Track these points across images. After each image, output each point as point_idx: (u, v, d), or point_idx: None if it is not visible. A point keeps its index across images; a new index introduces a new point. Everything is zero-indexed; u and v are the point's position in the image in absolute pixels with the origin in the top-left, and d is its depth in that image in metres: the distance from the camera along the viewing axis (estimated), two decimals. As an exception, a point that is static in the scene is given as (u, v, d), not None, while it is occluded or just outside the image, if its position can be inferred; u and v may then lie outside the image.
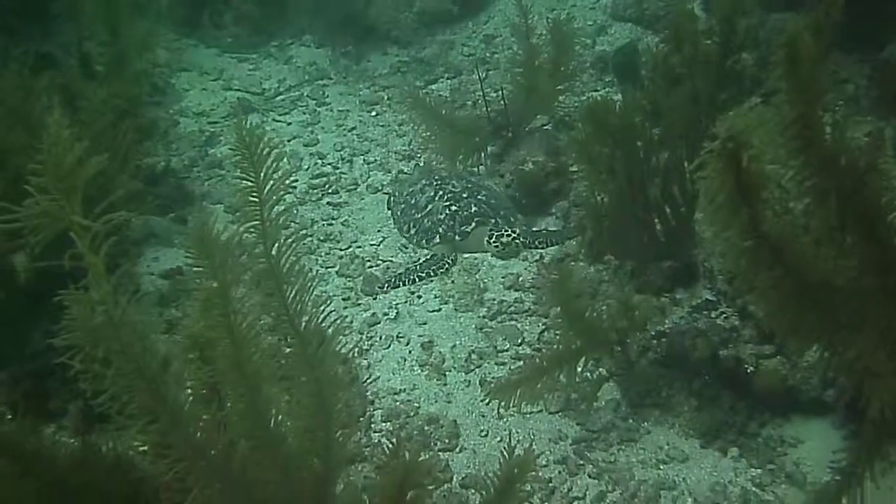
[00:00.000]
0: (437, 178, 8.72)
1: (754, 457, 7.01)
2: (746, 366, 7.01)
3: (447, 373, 8.11)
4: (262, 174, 4.70)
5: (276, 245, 4.89)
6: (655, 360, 7.40)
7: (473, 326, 8.55)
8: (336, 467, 5.57)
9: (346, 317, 8.76)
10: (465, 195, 8.10)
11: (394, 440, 5.04)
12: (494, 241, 7.80)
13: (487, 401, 6.93)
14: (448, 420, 7.57)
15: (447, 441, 7.39)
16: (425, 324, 8.66)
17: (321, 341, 5.45)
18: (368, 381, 8.03)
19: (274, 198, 4.73)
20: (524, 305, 8.67)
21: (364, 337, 8.58)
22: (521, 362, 7.92)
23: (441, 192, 8.29)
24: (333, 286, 9.20)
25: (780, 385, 6.99)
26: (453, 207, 7.76)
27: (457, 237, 7.51)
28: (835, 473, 5.42)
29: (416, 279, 7.95)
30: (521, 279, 8.95)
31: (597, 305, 7.30)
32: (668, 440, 7.24)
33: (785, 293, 5.05)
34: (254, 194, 4.74)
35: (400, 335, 8.56)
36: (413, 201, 8.36)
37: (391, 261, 9.38)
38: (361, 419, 7.56)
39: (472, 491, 6.86)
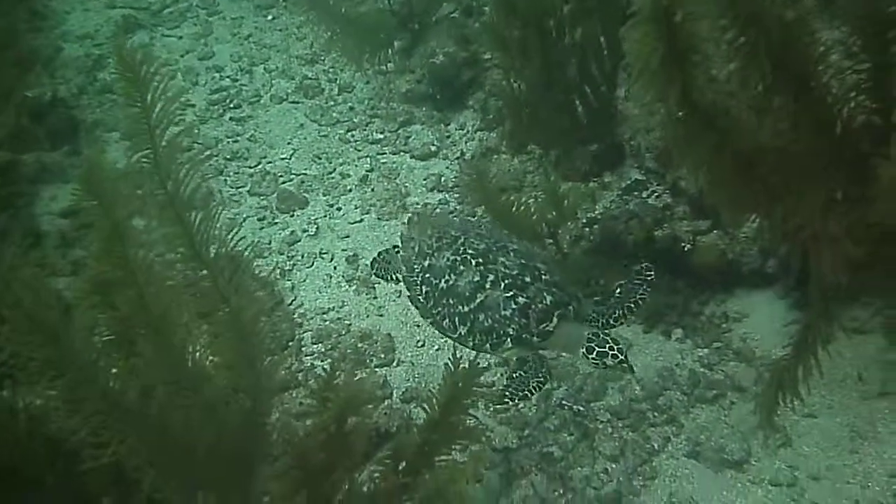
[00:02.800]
0: (456, 241, 5.65)
1: (700, 336, 6.84)
2: (683, 244, 6.79)
3: (376, 285, 7.76)
4: (149, 97, 4.19)
5: (174, 171, 4.41)
6: (589, 248, 7.14)
7: (399, 234, 8.15)
8: (266, 399, 5.22)
9: (264, 238, 8.32)
10: (521, 274, 5.40)
11: (327, 368, 4.66)
12: (595, 358, 5.31)
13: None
14: (382, 334, 7.26)
15: (383, 356, 7.09)
16: (348, 237, 8.26)
17: (234, 269, 5.07)
18: (294, 303, 7.64)
19: (165, 121, 4.22)
20: (449, 207, 8.31)
21: (285, 257, 8.17)
22: (452, 264, 7.59)
23: (490, 275, 5.44)
24: (247, 207, 8.72)
25: (719, 260, 6.79)
26: (520, 299, 5.31)
27: (535, 338, 5.38)
28: (787, 346, 5.23)
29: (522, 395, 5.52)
30: (443, 179, 8.58)
31: (523, 198, 6.95)
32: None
33: (719, 164, 4.78)
34: (143, 120, 4.25)
35: (323, 251, 8.16)
36: (445, 284, 5.56)
37: (305, 174, 8.93)
38: (290, 344, 7.20)
39: (414, 405, 6.58)
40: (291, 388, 6.68)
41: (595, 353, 5.25)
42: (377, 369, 7.03)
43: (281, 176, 9.01)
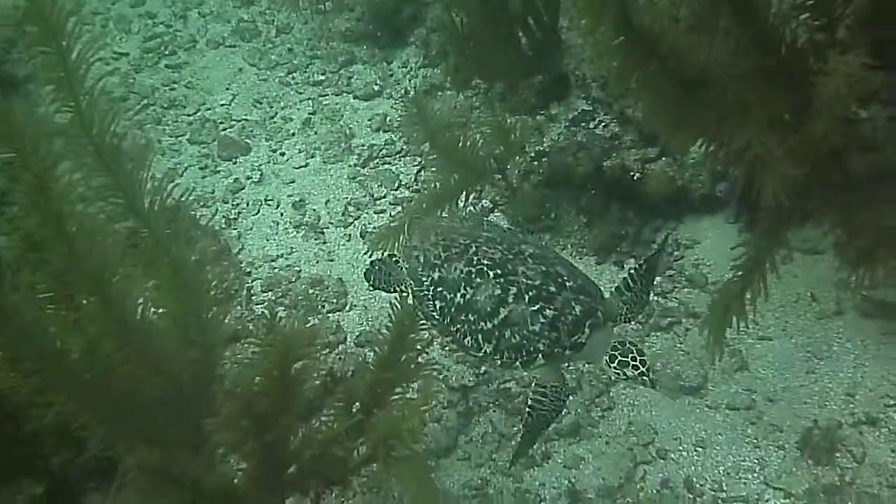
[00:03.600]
0: (467, 250, 5.07)
1: (652, 265, 6.81)
2: (632, 172, 6.73)
3: (325, 230, 7.64)
4: (65, 43, 4.01)
5: (99, 120, 4.24)
6: (539, 182, 7.04)
7: (345, 177, 8.04)
8: (214, 350, 5.13)
9: (207, 187, 8.14)
10: (544, 283, 4.88)
11: (269, 314, 4.56)
12: (616, 367, 4.90)
13: (371, 253, 6.45)
14: (333, 280, 7.15)
15: (335, 301, 7.00)
16: (293, 182, 8.10)
17: (172, 219, 4.94)
18: (241, 251, 7.50)
19: (82, 69, 4.04)
20: (396, 146, 8.17)
21: (230, 205, 7.99)
22: (401, 206, 7.50)
23: (512, 287, 4.88)
24: (187, 156, 8.50)
25: (668, 187, 6.74)
26: (548, 312, 4.79)
27: (567, 352, 4.86)
28: (736, 269, 5.20)
29: (544, 427, 5.11)
30: (388, 119, 8.42)
31: (470, 134, 6.83)
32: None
33: (663, 90, 4.71)
34: (60, 68, 4.07)
35: (268, 198, 8.00)
36: (462, 299, 4.99)
37: (246, 119, 8.72)
38: (239, 293, 7.06)
39: (368, 348, 6.51)
40: (242, 338, 6.55)
41: (617, 361, 4.82)
42: (330, 315, 6.93)
43: (221, 123, 8.78)
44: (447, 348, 6.56)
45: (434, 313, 5.01)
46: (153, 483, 4.39)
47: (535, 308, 4.74)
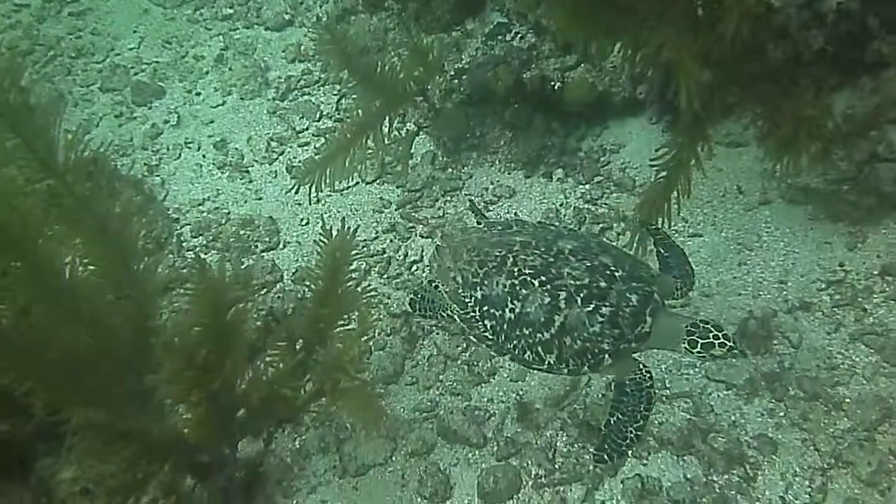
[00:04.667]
0: (504, 262, 4.78)
1: (580, 173, 6.85)
2: (553, 82, 6.71)
3: (249, 168, 7.54)
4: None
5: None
6: (461, 100, 6.98)
7: (265, 112, 7.91)
8: (150, 303, 5.07)
9: (125, 135, 7.94)
10: (593, 280, 4.63)
11: (198, 261, 4.48)
12: (700, 352, 4.65)
13: (299, 188, 6.38)
14: (263, 218, 7.08)
15: (268, 240, 6.93)
16: (212, 122, 7.95)
17: (92, 173, 4.83)
18: (166, 198, 7.36)
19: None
20: (313, 76, 8.05)
21: (150, 152, 7.82)
22: (325, 137, 7.41)
23: (561, 292, 4.63)
24: (101, 105, 8.28)
25: (590, 94, 6.74)
26: (605, 309, 4.57)
27: (633, 345, 4.67)
28: (660, 169, 5.24)
29: (635, 438, 4.72)
30: (302, 48, 8.28)
31: (387, 58, 6.75)
32: (492, 179, 6.99)
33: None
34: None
35: (189, 141, 7.85)
36: (512, 315, 4.73)
37: (157, 62, 8.51)
38: (169, 241, 6.95)
39: (307, 283, 6.46)
40: (177, 286, 6.47)
41: (699, 346, 4.57)
42: (264, 254, 6.87)
43: (132, 67, 8.55)
44: (385, 276, 6.56)
45: (486, 334, 4.78)
46: (103, 441, 4.37)
47: (589, 309, 4.54)
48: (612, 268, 4.63)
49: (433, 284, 5.22)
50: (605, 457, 4.61)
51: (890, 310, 5.73)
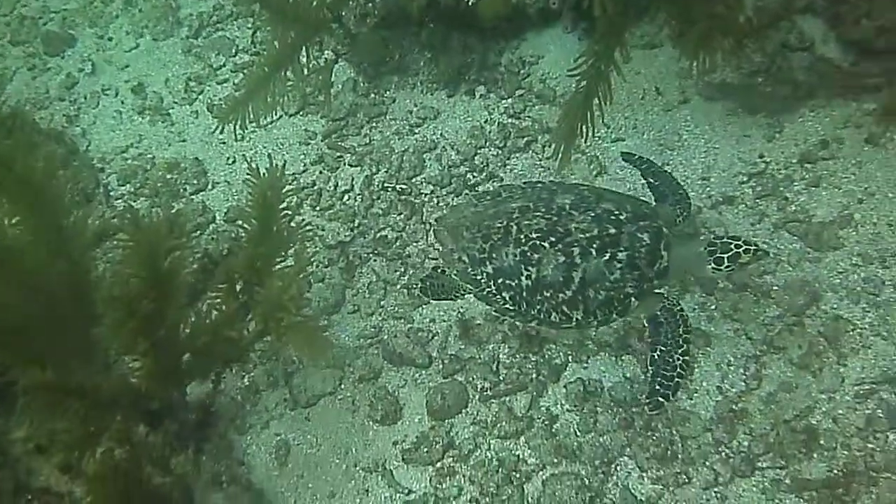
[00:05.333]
0: (508, 232, 4.76)
1: (502, 88, 6.88)
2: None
3: (170, 111, 7.45)
4: None
5: None
6: (376, 23, 6.90)
7: (180, 51, 7.78)
8: (84, 256, 5.04)
9: (40, 88, 7.77)
10: (601, 229, 4.64)
11: (131, 212, 4.48)
12: (728, 266, 4.72)
13: (222, 126, 6.31)
14: (189, 160, 7.03)
15: (196, 182, 6.90)
16: (128, 66, 7.80)
17: (9, 129, 4.77)
18: (89, 148, 7.26)
19: None
20: (226, 11, 7.90)
21: (67, 102, 7.67)
22: (243, 73, 7.33)
23: (574, 248, 4.63)
24: (12, 59, 8.07)
25: (504, 7, 6.65)
26: (621, 255, 4.60)
27: (656, 282, 4.72)
28: (580, 78, 5.28)
29: (684, 364, 4.77)
30: (214, -18, 8.12)
31: (298, -13, 6.65)
32: (415, 101, 6.99)
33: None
34: None
35: (106, 88, 7.70)
36: (529, 281, 4.71)
37: (65, 9, 8.27)
38: (97, 191, 6.88)
39: (240, 222, 6.45)
40: (110, 236, 6.43)
41: (725, 261, 4.68)
42: (193, 196, 6.84)
43: (40, 18, 8.33)
44: (318, 208, 6.59)
45: (507, 306, 4.81)
46: (53, 398, 4.40)
47: (606, 257, 4.59)
48: (616, 212, 4.69)
49: (439, 270, 5.24)
50: (659, 398, 4.69)
51: (811, 196, 5.92)
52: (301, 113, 7.15)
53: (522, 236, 4.65)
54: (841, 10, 6.26)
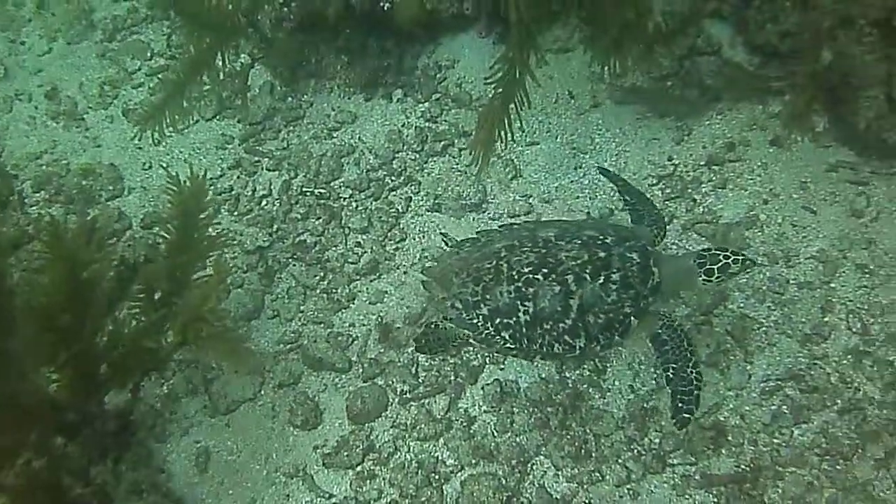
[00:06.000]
0: (499, 272, 4.81)
1: (419, 92, 6.94)
2: (382, 3, 6.68)
3: (84, 116, 7.33)
4: None
5: None
6: (293, 28, 6.91)
7: (94, 55, 7.67)
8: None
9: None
10: (591, 254, 4.69)
11: (51, 223, 4.43)
12: (719, 277, 4.79)
13: (138, 132, 6.25)
14: (104, 166, 6.94)
15: (112, 188, 6.81)
16: (41, 71, 7.65)
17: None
18: (2, 154, 7.13)
19: None
20: (140, 14, 7.81)
21: (-23, 110, 7.53)
22: (159, 77, 7.27)
23: (568, 276, 4.67)
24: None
25: (420, 11, 6.76)
26: (614, 276, 4.65)
27: (651, 299, 4.79)
28: (496, 84, 5.36)
29: (698, 375, 4.86)
30: (126, -14, 8.03)
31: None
32: (333, 105, 7.02)
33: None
34: None
35: (19, 93, 7.54)
36: (527, 316, 4.73)
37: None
38: (10, 199, 6.76)
39: (157, 228, 6.42)
40: (25, 244, 6.35)
41: (716, 273, 4.76)
42: (109, 203, 6.76)
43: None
44: (236, 213, 6.58)
45: (508, 345, 4.84)
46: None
47: (601, 281, 4.67)
48: (601, 237, 4.79)
49: (431, 325, 5.25)
50: (685, 415, 4.78)
51: (718, 198, 6.12)
52: (218, 117, 7.11)
53: (514, 273, 4.70)
54: (747, 14, 6.47)
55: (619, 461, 5.26)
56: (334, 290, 6.14)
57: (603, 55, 5.79)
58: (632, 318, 4.74)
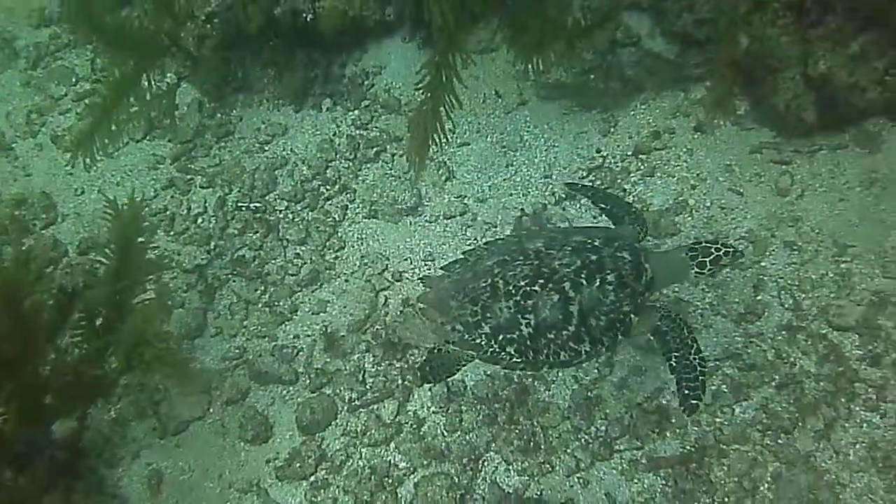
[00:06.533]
0: (495, 289, 4.78)
1: (348, 100, 6.99)
2: (304, 14, 6.72)
3: (13, 145, 7.28)
4: None
5: None
6: (217, 45, 6.92)
7: (19, 84, 7.61)
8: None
9: None
10: (583, 259, 4.73)
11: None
12: (711, 268, 4.90)
13: (69, 159, 6.19)
14: (36, 195, 6.89)
15: (45, 216, 6.78)
16: (-39, 103, 7.58)
17: None
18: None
19: None
20: (63, 39, 7.76)
21: None
22: (85, 102, 7.22)
23: (564, 283, 4.70)
24: None
25: (342, 21, 6.80)
26: (609, 276, 4.70)
27: (647, 294, 4.85)
28: (424, 89, 5.41)
29: (702, 361, 4.86)
30: (46, 12, 7.92)
31: (134, 14, 6.60)
32: (262, 118, 7.04)
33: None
34: None
35: (-61, 128, 7.47)
36: (529, 329, 4.71)
37: None
38: (-58, 236, 6.70)
39: (93, 254, 6.39)
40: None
41: (708, 265, 4.83)
42: (44, 231, 6.72)
43: None
44: (172, 232, 6.57)
45: (515, 360, 4.77)
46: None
47: (597, 284, 4.68)
48: (589, 241, 4.80)
49: (435, 350, 5.10)
50: (693, 402, 4.76)
51: (647, 186, 6.24)
52: (148, 138, 7.11)
53: (511, 287, 4.69)
54: (664, 4, 6.59)
55: (568, 451, 5.35)
56: (276, 303, 6.17)
57: (525, 54, 5.86)
58: (631, 315, 4.76)
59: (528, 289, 4.66)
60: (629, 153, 6.37)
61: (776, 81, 6.11)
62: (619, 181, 6.24)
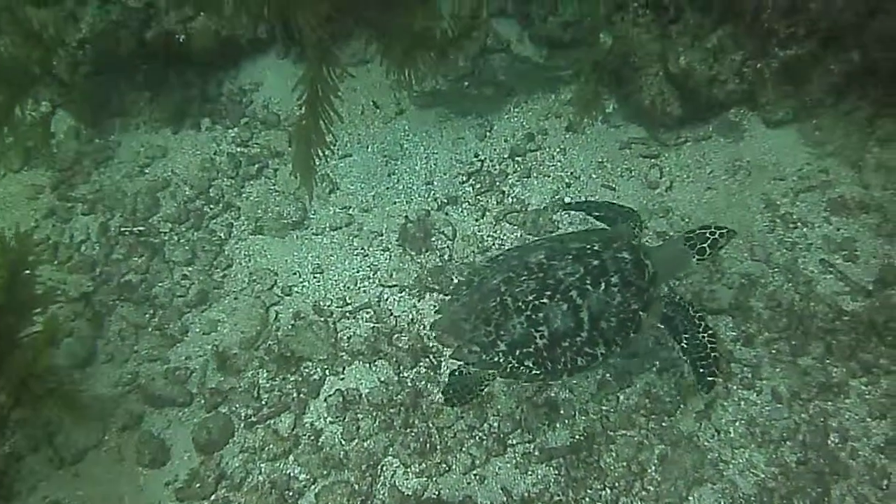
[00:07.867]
0: (504, 307, 4.81)
1: (226, 119, 7.03)
2: (177, 36, 6.75)
3: None
4: None
5: None
6: (90, 71, 6.88)
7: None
8: None
9: None
10: (586, 265, 4.78)
11: None
12: (711, 254, 5.07)
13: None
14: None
15: (-79, 254, 6.61)
16: None
17: None
18: None
19: None
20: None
21: None
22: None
23: (571, 292, 4.75)
24: None
25: (215, 40, 6.85)
26: (613, 279, 4.76)
27: (652, 291, 4.89)
28: (303, 104, 5.48)
29: (712, 338, 5.01)
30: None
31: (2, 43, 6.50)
32: (141, 141, 7.03)
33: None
34: None
35: None
36: (544, 340, 4.75)
37: None
38: None
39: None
40: None
41: (707, 250, 5.01)
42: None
43: None
44: (56, 262, 6.50)
45: (535, 372, 4.81)
46: None
47: (602, 287, 4.76)
48: (588, 246, 4.89)
49: (455, 373, 5.17)
50: (709, 379, 4.94)
51: (524, 187, 6.43)
52: (25, 168, 7.00)
53: (520, 303, 4.76)
54: (530, 9, 6.81)
55: (463, 449, 5.48)
56: (166, 326, 6.16)
57: (396, 65, 5.99)
58: (640, 312, 4.89)
59: (537, 302, 4.76)
60: (506, 156, 6.57)
61: (641, 79, 6.38)
62: (497, 184, 6.43)
